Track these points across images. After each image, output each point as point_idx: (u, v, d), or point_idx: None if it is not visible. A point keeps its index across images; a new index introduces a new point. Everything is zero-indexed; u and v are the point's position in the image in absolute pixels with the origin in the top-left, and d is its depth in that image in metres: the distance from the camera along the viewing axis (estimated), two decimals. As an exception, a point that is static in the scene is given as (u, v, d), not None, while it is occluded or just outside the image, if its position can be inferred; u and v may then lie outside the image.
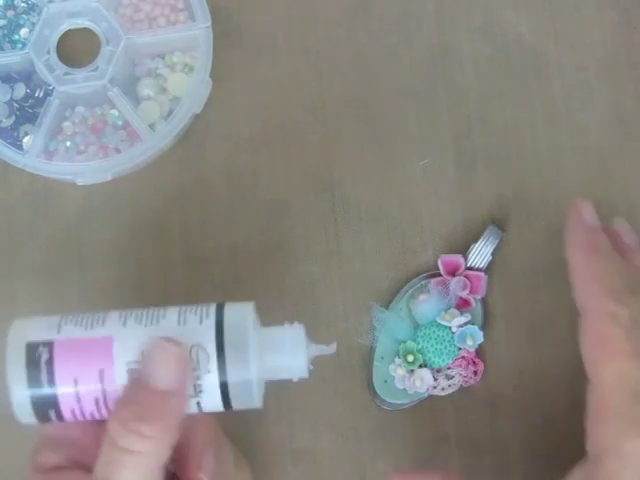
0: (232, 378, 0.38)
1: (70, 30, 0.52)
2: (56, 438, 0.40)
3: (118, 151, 0.51)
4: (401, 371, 0.48)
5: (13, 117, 0.51)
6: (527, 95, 0.53)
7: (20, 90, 0.51)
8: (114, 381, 0.38)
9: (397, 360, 0.49)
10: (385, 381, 0.49)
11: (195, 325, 0.39)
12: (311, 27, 0.53)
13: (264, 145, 0.52)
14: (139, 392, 0.37)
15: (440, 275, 0.50)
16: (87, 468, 0.39)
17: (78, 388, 0.38)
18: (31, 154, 0.50)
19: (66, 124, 0.51)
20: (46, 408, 0.38)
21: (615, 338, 0.41)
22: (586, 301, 0.43)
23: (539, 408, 0.49)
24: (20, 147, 0.51)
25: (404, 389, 0.49)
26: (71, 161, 0.51)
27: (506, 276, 0.51)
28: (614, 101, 0.53)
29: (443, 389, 0.49)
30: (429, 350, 0.49)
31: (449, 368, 0.49)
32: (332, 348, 0.40)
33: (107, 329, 0.39)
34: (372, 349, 0.50)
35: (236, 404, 0.39)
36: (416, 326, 0.49)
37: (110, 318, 0.39)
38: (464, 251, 0.50)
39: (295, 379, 0.40)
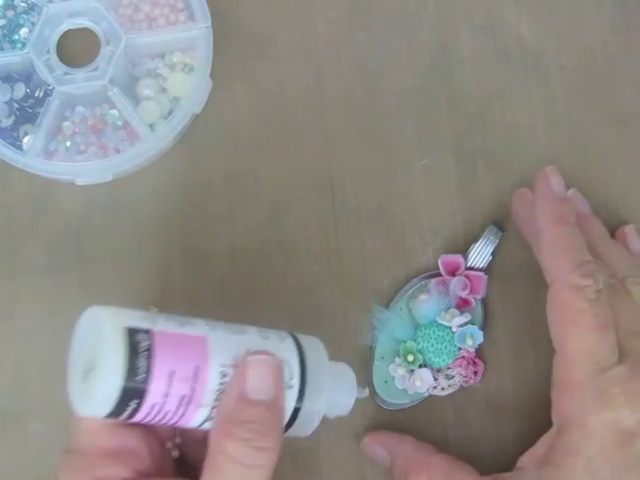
0: (305, 405, 0.39)
1: (70, 30, 0.52)
2: (117, 451, 0.39)
3: (118, 151, 0.51)
4: (401, 371, 0.48)
5: (13, 117, 0.51)
6: (527, 95, 0.53)
7: (20, 90, 0.51)
8: (206, 381, 0.38)
9: (397, 360, 0.49)
10: (385, 381, 0.49)
11: (277, 342, 0.40)
12: (311, 27, 0.53)
13: (264, 145, 0.52)
14: (248, 409, 0.37)
15: (440, 275, 0.50)
16: (150, 477, 0.39)
17: (171, 382, 0.37)
18: (31, 154, 0.50)
19: (66, 124, 0.51)
20: (129, 400, 0.37)
21: (581, 311, 0.42)
22: (554, 273, 0.43)
23: (539, 408, 0.49)
24: (20, 147, 0.51)
25: (404, 389, 0.49)
26: (71, 161, 0.51)
27: (506, 276, 0.51)
28: (614, 101, 0.53)
29: (443, 389, 0.49)
30: (429, 350, 0.49)
31: (449, 368, 0.49)
32: (366, 392, 0.44)
33: (200, 330, 0.38)
34: (372, 349, 0.50)
35: (293, 429, 0.40)
36: (416, 326, 0.49)
37: (197, 322, 0.39)
38: (464, 251, 0.50)
39: (332, 416, 0.42)
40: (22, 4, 0.52)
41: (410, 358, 0.48)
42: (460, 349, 0.49)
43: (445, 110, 0.53)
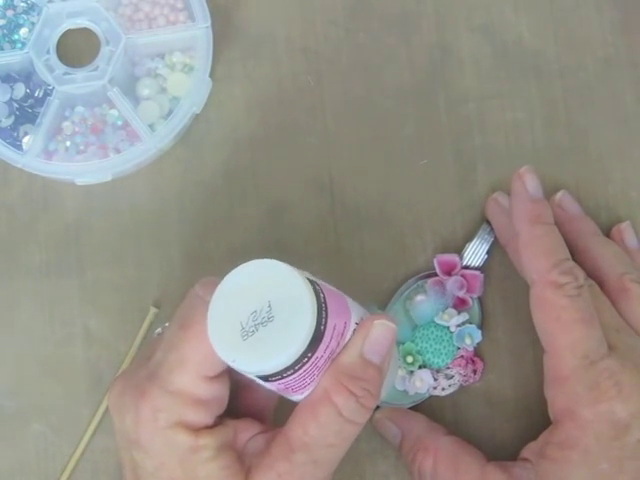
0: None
1: (70, 30, 0.52)
2: (209, 401, 0.40)
3: (118, 151, 0.51)
4: (401, 372, 0.48)
5: (13, 117, 0.51)
6: (527, 95, 0.53)
7: (20, 90, 0.51)
8: (346, 337, 0.38)
9: (397, 361, 0.49)
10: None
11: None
12: (311, 27, 0.53)
13: (264, 145, 0.52)
14: (365, 368, 0.39)
15: (436, 275, 0.50)
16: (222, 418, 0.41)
17: (332, 336, 0.37)
18: (31, 154, 0.50)
19: (66, 124, 0.51)
20: (307, 353, 0.36)
21: (564, 307, 0.42)
22: (533, 272, 0.44)
23: (538, 406, 0.49)
24: (20, 147, 0.51)
25: (404, 390, 0.49)
26: (71, 161, 0.51)
27: (503, 274, 0.51)
28: (614, 101, 0.53)
29: (443, 389, 0.49)
30: (428, 351, 0.49)
31: (448, 368, 0.49)
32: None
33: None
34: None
35: None
36: (414, 327, 0.49)
37: None
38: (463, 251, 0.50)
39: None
40: (22, 4, 0.52)
41: (409, 359, 0.48)
42: (459, 348, 0.49)
43: (445, 110, 0.53)
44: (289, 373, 0.36)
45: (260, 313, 0.36)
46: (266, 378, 0.37)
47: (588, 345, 0.42)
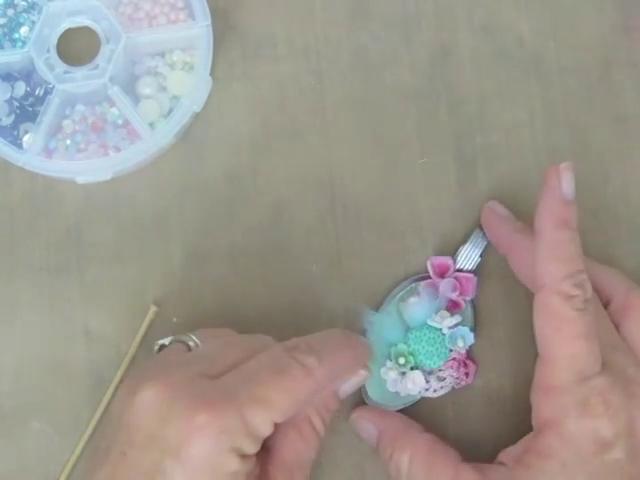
0: None
1: (70, 29, 0.52)
2: (265, 436, 0.40)
3: (118, 150, 0.51)
4: (393, 374, 0.48)
5: (13, 115, 0.51)
6: (527, 95, 0.53)
7: (20, 88, 0.51)
8: None
9: (389, 363, 0.48)
10: (377, 384, 0.49)
11: None
12: (311, 27, 0.53)
13: (264, 145, 0.52)
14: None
15: (429, 277, 0.50)
16: None
17: None
18: (31, 153, 0.50)
19: (66, 122, 0.51)
20: None
21: (570, 320, 0.42)
22: (545, 276, 0.42)
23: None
24: (20, 146, 0.51)
25: (396, 392, 0.49)
26: (71, 160, 0.51)
27: (503, 274, 0.51)
28: (614, 101, 0.53)
29: (435, 391, 0.49)
30: (420, 352, 0.49)
31: (441, 370, 0.49)
32: None
33: None
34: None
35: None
36: (407, 328, 0.49)
37: None
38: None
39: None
40: (22, 3, 0.52)
41: (402, 361, 0.48)
42: (451, 351, 0.49)
43: (445, 110, 0.53)
44: None
45: None
46: None
47: (586, 361, 0.41)
